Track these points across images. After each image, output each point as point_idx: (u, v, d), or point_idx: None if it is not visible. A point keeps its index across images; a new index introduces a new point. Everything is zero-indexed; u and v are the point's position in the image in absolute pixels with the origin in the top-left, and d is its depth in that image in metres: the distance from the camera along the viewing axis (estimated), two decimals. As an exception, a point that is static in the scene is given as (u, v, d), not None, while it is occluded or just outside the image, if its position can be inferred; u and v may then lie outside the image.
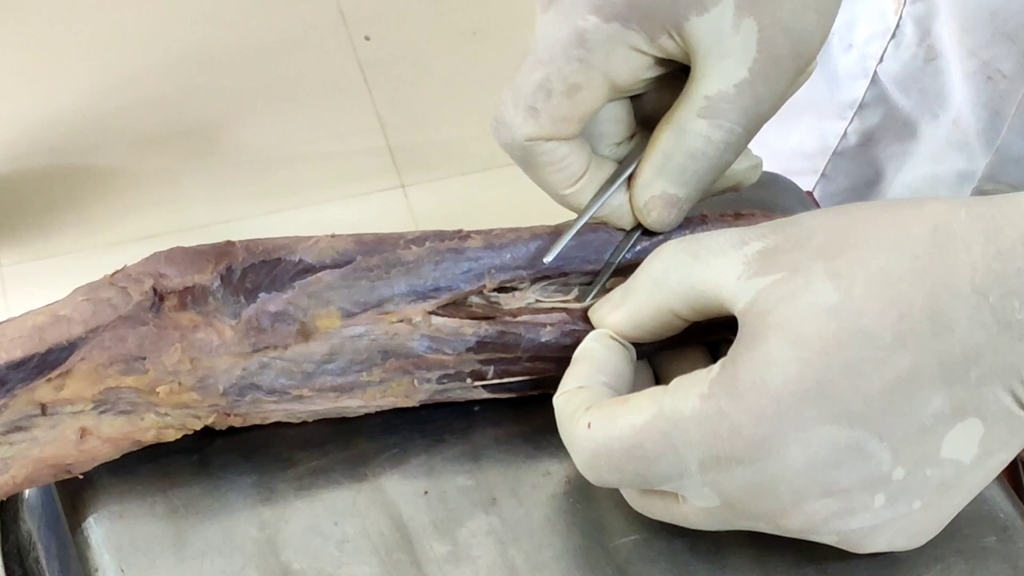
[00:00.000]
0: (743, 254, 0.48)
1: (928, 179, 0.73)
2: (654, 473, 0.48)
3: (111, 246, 1.78)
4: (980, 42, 0.68)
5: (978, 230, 0.46)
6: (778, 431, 0.46)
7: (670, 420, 0.47)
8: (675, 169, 0.54)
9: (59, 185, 1.86)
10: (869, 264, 0.46)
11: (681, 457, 0.47)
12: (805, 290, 0.46)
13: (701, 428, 0.47)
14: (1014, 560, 0.52)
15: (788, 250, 0.48)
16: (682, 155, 0.54)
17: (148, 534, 0.52)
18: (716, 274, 0.49)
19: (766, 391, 0.46)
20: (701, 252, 0.50)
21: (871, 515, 0.47)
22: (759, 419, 0.46)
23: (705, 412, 0.47)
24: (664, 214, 0.55)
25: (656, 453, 0.47)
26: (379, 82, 2.00)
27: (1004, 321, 0.45)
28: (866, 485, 0.47)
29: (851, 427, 0.46)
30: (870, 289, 0.46)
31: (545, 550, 0.52)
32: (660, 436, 0.47)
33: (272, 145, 1.92)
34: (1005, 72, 0.67)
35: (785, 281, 0.47)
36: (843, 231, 0.47)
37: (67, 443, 0.51)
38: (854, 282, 0.46)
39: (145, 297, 0.52)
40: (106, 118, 1.92)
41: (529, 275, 0.55)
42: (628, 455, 0.48)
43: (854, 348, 0.46)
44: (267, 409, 0.53)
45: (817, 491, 0.47)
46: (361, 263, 0.54)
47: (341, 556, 0.51)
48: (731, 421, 0.46)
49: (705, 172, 0.54)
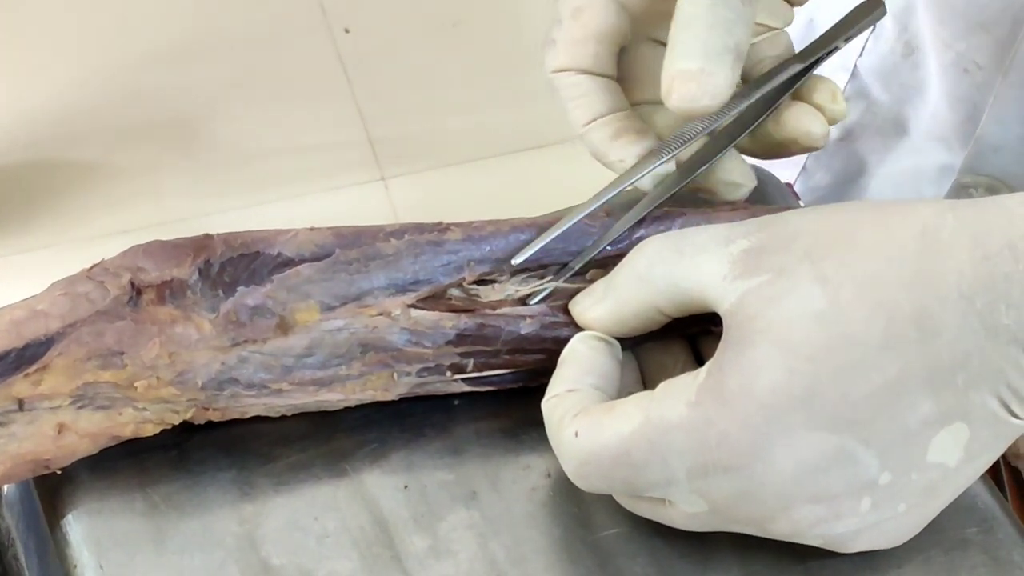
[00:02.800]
0: (728, 252, 0.48)
1: (910, 173, 0.74)
2: (642, 481, 0.48)
3: (89, 240, 1.77)
4: (956, 34, 0.68)
5: (965, 234, 0.46)
6: (765, 439, 0.46)
7: (657, 428, 0.47)
8: (680, 47, 0.52)
9: (36, 179, 1.85)
10: (856, 268, 0.46)
11: (669, 466, 0.47)
12: (792, 294, 0.46)
13: (689, 437, 0.46)
14: (994, 551, 0.52)
15: (774, 251, 0.47)
16: (679, 30, 0.52)
17: (127, 530, 0.52)
18: (701, 273, 0.49)
19: (753, 399, 0.46)
20: (686, 249, 0.49)
21: (857, 519, 0.47)
22: (746, 427, 0.46)
23: (692, 420, 0.46)
24: (683, 90, 0.52)
25: (644, 462, 0.47)
26: (359, 74, 1.99)
27: (991, 326, 0.45)
28: (853, 490, 0.47)
29: (838, 433, 0.46)
30: (857, 294, 0.46)
31: (526, 544, 0.52)
32: (648, 445, 0.47)
33: (251, 138, 1.91)
34: (981, 63, 0.67)
35: (771, 284, 0.47)
36: (830, 233, 0.47)
37: (45, 438, 0.51)
38: (841, 287, 0.46)
39: (123, 291, 0.52)
40: (84, 112, 1.92)
41: (509, 267, 0.55)
42: (616, 464, 0.48)
43: (841, 354, 0.45)
44: (246, 403, 0.53)
45: (804, 497, 0.47)
46: (340, 256, 0.54)
47: (321, 551, 0.51)
48: (718, 429, 0.46)
49: (706, 36, 0.52)
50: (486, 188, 1.87)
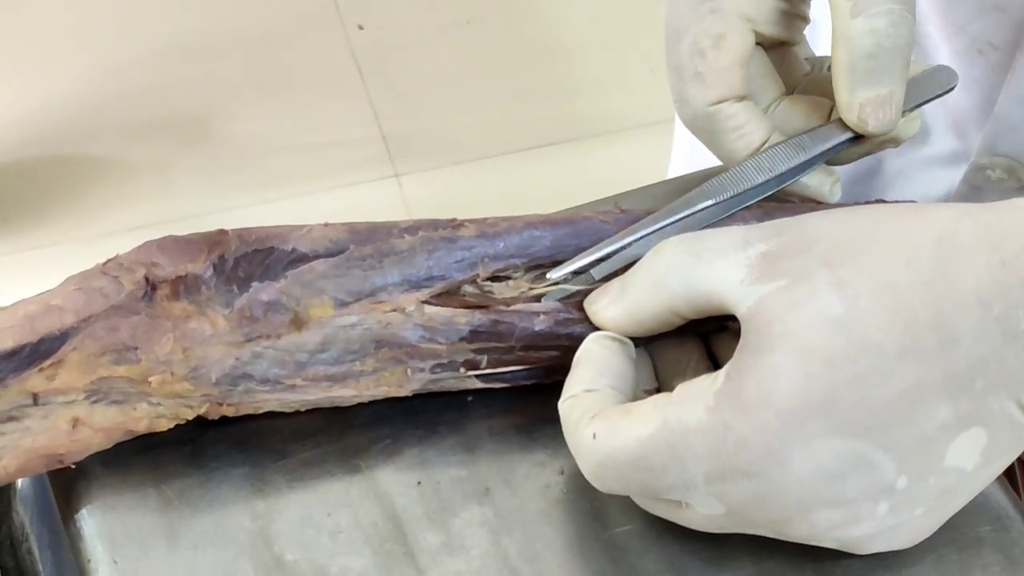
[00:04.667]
0: (746, 256, 0.48)
1: (923, 162, 0.73)
2: (660, 484, 0.48)
3: (104, 236, 1.77)
4: (968, 16, 0.68)
5: (982, 240, 0.46)
6: (784, 445, 0.46)
7: (675, 432, 0.47)
8: (865, 74, 0.54)
9: (51, 175, 1.86)
10: (874, 275, 0.46)
11: (687, 469, 0.47)
12: (810, 299, 0.46)
13: (707, 441, 0.46)
14: (1007, 549, 0.52)
15: (792, 255, 0.47)
16: (862, 59, 0.54)
17: (141, 525, 0.52)
18: (718, 277, 0.48)
19: (772, 405, 0.46)
20: (703, 253, 0.49)
21: (874, 523, 0.47)
22: (765, 433, 0.46)
23: (711, 425, 0.46)
24: (880, 115, 0.55)
25: (662, 466, 0.47)
26: (373, 71, 1.99)
27: (1009, 332, 0.45)
28: (870, 495, 0.47)
29: (856, 439, 0.46)
30: (875, 301, 0.46)
31: (539, 540, 0.52)
32: (666, 449, 0.47)
33: (265, 134, 1.91)
34: (996, 44, 0.67)
35: (789, 289, 0.47)
36: (847, 237, 0.47)
37: (59, 433, 0.51)
38: (859, 293, 0.46)
39: (137, 286, 0.52)
40: (99, 108, 1.92)
41: (523, 264, 0.55)
42: (633, 467, 0.48)
43: (859, 361, 0.45)
44: (260, 399, 0.53)
45: (822, 502, 0.47)
46: (354, 252, 0.54)
47: (334, 547, 0.51)
48: (737, 435, 0.46)
49: (891, 61, 0.54)
50: (500, 185, 1.87)
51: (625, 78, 1.99)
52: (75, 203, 1.83)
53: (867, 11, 0.54)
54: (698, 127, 0.58)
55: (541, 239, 0.55)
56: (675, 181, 0.65)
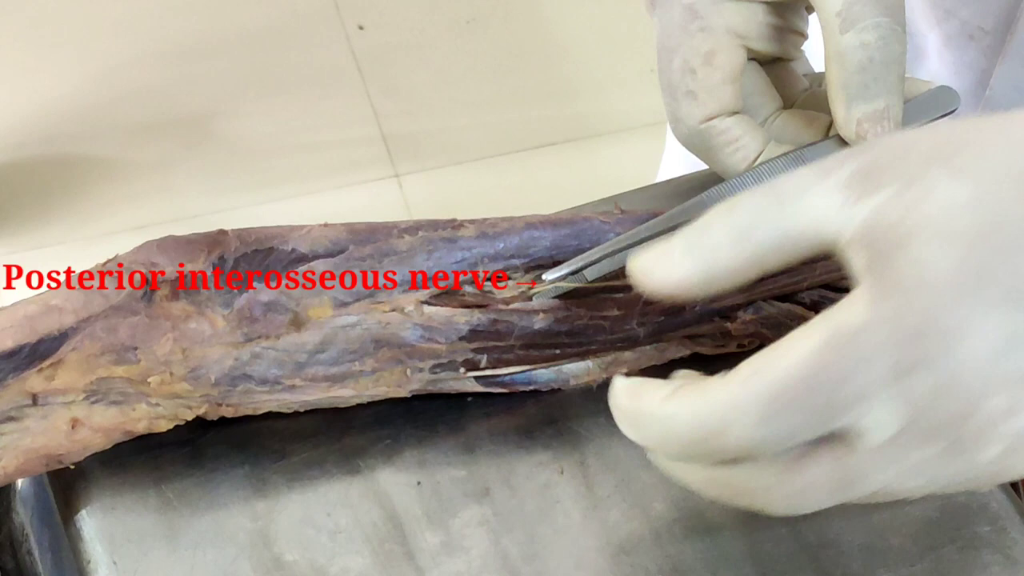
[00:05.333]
0: (835, 182, 0.46)
1: None
2: (842, 398, 0.45)
3: (103, 236, 1.77)
4: (958, 1, 0.67)
5: None
6: (955, 325, 0.44)
7: (846, 335, 0.44)
8: (859, 89, 0.54)
9: (51, 175, 1.86)
10: (991, 159, 0.45)
11: (871, 369, 0.44)
12: (930, 194, 0.44)
13: (881, 335, 0.44)
14: (1006, 549, 0.52)
15: (890, 164, 0.45)
16: (855, 74, 0.54)
17: (141, 526, 0.52)
18: (813, 210, 0.46)
19: (930, 290, 0.44)
20: (784, 196, 0.47)
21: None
22: (931, 318, 0.44)
23: (878, 319, 0.44)
24: (878, 130, 0.55)
25: (843, 373, 0.44)
26: (373, 71, 1.99)
27: None
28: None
29: (1020, 310, 0.44)
30: (1001, 179, 0.44)
31: (538, 540, 0.52)
32: (839, 356, 0.44)
33: (266, 134, 1.91)
34: (987, 28, 0.67)
35: (901, 193, 0.45)
36: (951, 135, 0.46)
37: (58, 433, 0.51)
38: (980, 176, 0.44)
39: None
40: (99, 108, 1.92)
41: (523, 264, 0.55)
42: (809, 387, 0.44)
43: (1001, 234, 0.44)
44: (259, 399, 0.53)
45: (995, 384, 0.45)
46: (354, 252, 0.54)
47: (334, 547, 0.51)
48: (907, 324, 0.44)
49: (884, 74, 0.54)
50: (500, 185, 1.87)
51: (625, 78, 1.99)
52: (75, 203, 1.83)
53: (855, 26, 0.53)
54: (693, 144, 0.58)
55: (541, 239, 0.55)
56: (675, 181, 0.65)
